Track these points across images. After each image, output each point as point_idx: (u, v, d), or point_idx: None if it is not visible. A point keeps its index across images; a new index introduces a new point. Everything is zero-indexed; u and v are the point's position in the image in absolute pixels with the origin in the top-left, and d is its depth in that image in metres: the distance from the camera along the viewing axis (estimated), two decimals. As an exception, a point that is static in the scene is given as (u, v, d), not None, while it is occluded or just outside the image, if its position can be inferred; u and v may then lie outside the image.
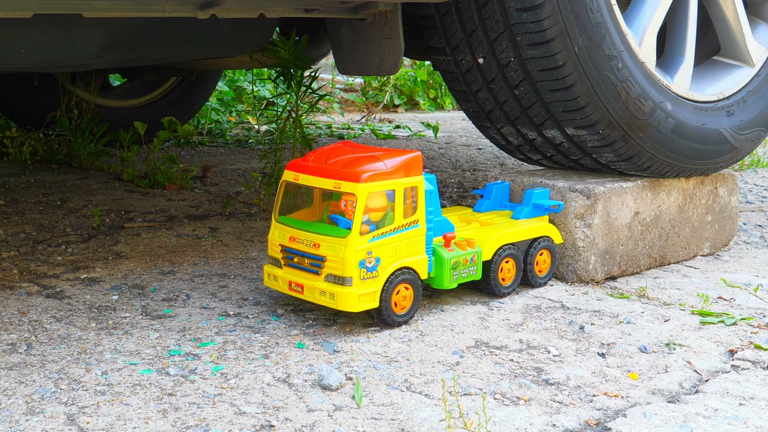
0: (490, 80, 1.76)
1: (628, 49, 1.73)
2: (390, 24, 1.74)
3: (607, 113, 1.71)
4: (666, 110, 1.78)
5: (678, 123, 1.80)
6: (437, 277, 1.51)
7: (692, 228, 1.93)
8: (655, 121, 1.76)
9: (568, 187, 1.73)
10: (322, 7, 1.64)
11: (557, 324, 1.52)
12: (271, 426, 1.12)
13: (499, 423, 1.14)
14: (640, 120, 1.74)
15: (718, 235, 2.00)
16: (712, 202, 1.96)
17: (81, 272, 1.73)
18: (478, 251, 1.56)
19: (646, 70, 1.77)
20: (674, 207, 1.87)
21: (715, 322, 1.55)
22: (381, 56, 1.79)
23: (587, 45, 1.65)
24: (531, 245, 1.67)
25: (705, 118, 1.86)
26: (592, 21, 1.65)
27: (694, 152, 1.84)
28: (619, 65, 1.70)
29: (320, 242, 1.42)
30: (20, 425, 1.10)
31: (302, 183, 1.47)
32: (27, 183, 2.57)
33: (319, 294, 1.42)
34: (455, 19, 1.74)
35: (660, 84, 1.80)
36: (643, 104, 1.74)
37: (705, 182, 1.93)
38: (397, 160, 1.43)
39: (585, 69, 1.67)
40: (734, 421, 1.17)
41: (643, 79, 1.75)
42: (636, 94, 1.73)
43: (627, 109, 1.72)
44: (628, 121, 1.73)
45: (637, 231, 1.80)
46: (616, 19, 1.71)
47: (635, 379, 1.30)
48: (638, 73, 1.74)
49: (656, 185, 1.83)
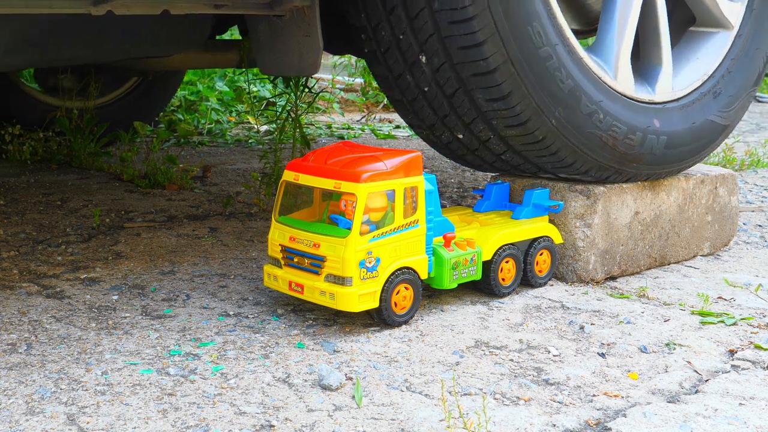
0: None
1: (606, 93, 1.68)
2: (308, 21, 1.67)
3: (596, 161, 1.69)
4: (655, 130, 1.75)
5: (670, 136, 1.78)
6: (437, 277, 1.51)
7: (692, 228, 1.92)
8: (647, 148, 1.74)
9: (568, 186, 1.73)
10: (230, 3, 1.58)
11: (557, 324, 1.52)
12: (271, 426, 1.12)
13: (499, 423, 1.14)
14: (632, 154, 1.72)
15: (718, 235, 2.00)
16: (712, 202, 1.96)
17: (81, 272, 1.73)
18: (478, 251, 1.56)
19: (627, 99, 1.72)
20: (674, 207, 1.87)
21: (715, 322, 1.55)
22: (300, 54, 1.73)
23: (564, 115, 1.62)
24: (531, 245, 1.67)
25: (693, 115, 1.83)
26: (564, 89, 1.61)
27: (689, 152, 1.84)
28: (600, 117, 1.66)
29: (320, 242, 1.42)
30: (20, 425, 1.10)
31: (302, 183, 1.46)
32: (27, 183, 2.57)
33: (319, 294, 1.42)
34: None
35: (643, 106, 1.75)
36: (632, 139, 1.71)
37: (705, 182, 1.93)
38: (397, 160, 1.43)
39: (567, 135, 1.63)
40: (734, 421, 1.17)
41: (626, 113, 1.71)
42: (623, 134, 1.70)
43: (617, 151, 1.70)
44: (619, 160, 1.71)
45: (637, 231, 1.80)
46: (588, 71, 1.66)
47: (635, 379, 1.30)
48: (620, 110, 1.70)
49: (656, 185, 1.83)
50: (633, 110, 1.73)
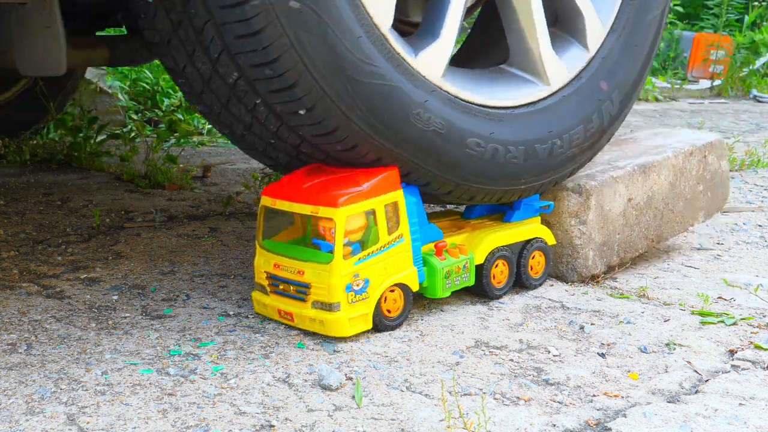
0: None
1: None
2: (48, 7, 1.47)
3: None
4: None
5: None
6: (430, 286, 1.50)
7: (685, 201, 1.92)
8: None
9: (560, 186, 1.73)
10: None
11: (557, 324, 1.52)
12: (271, 426, 1.12)
13: (499, 423, 1.14)
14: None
15: (712, 202, 2.00)
16: (703, 171, 1.95)
17: (81, 272, 1.73)
18: (470, 257, 1.55)
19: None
20: (666, 185, 1.86)
21: (715, 322, 1.55)
22: (43, 49, 1.55)
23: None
24: (524, 247, 1.66)
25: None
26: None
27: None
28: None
29: (304, 269, 1.40)
30: (20, 425, 1.10)
31: (280, 208, 1.44)
32: (27, 183, 2.57)
33: (309, 321, 1.40)
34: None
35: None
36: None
37: (693, 153, 1.93)
38: (373, 180, 1.40)
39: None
40: (734, 421, 1.17)
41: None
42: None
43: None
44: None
45: (632, 217, 1.80)
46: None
47: (635, 379, 1.30)
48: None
49: (647, 168, 1.82)
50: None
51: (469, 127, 1.52)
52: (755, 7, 6.81)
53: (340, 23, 1.32)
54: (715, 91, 6.21)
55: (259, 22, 1.27)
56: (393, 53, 1.41)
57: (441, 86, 1.49)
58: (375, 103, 1.38)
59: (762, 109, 5.35)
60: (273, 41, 1.28)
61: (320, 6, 1.30)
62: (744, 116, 4.96)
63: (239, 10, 1.26)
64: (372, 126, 1.39)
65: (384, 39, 1.39)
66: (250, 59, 1.31)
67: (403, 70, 1.42)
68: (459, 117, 1.50)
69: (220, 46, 1.33)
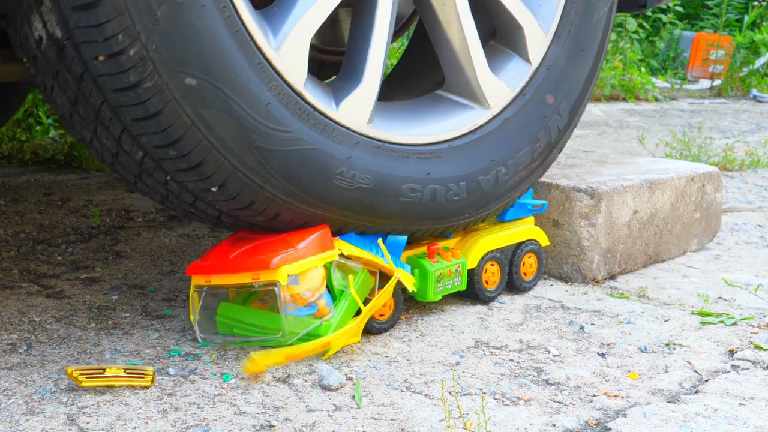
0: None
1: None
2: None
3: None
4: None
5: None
6: (421, 289, 1.48)
7: (683, 225, 1.94)
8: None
9: (573, 186, 1.73)
10: None
11: (557, 324, 1.52)
12: (271, 426, 1.12)
13: (499, 423, 1.14)
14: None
15: (705, 232, 2.02)
16: (700, 199, 1.97)
17: (81, 272, 1.73)
18: (463, 262, 1.52)
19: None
20: (668, 205, 1.88)
21: (715, 322, 1.55)
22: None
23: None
24: (516, 250, 1.65)
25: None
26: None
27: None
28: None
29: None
30: (20, 425, 1.10)
31: (216, 284, 1.33)
32: (27, 183, 2.57)
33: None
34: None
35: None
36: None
37: (694, 180, 1.95)
38: (308, 239, 1.33)
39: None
40: (734, 421, 1.17)
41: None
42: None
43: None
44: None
45: (635, 229, 1.81)
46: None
47: (635, 379, 1.30)
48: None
49: (653, 184, 1.84)
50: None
51: (401, 173, 1.41)
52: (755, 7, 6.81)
53: (243, 92, 1.22)
54: (715, 91, 6.21)
55: (154, 104, 1.17)
56: (309, 111, 1.30)
57: (368, 134, 1.38)
58: (292, 171, 1.29)
59: (762, 109, 5.35)
60: (172, 122, 1.19)
61: (219, 78, 1.20)
62: (744, 116, 4.96)
63: (132, 93, 1.16)
64: (291, 194, 1.30)
65: (298, 97, 1.29)
66: (151, 141, 1.22)
67: (322, 127, 1.32)
68: (389, 165, 1.40)
69: (119, 127, 1.22)
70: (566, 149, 3.49)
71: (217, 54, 1.19)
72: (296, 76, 1.29)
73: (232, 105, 1.21)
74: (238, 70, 1.21)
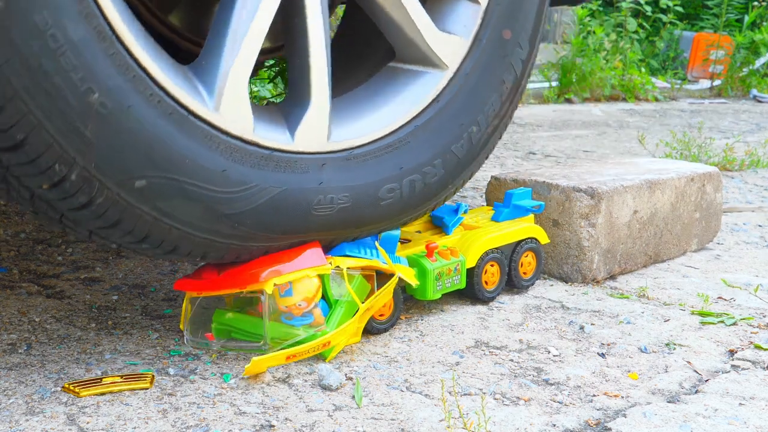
0: None
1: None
2: None
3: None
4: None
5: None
6: (420, 288, 1.47)
7: (683, 225, 1.94)
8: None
9: (573, 186, 1.73)
10: None
11: (557, 324, 1.52)
12: (271, 426, 1.12)
13: (499, 423, 1.14)
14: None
15: (705, 232, 2.02)
16: (700, 199, 1.97)
17: (81, 272, 1.73)
18: (462, 260, 1.52)
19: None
20: (668, 205, 1.88)
21: (715, 322, 1.55)
22: None
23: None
24: (516, 248, 1.64)
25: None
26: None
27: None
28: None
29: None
30: (20, 425, 1.10)
31: (207, 295, 1.33)
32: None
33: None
34: None
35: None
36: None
37: (694, 180, 1.95)
38: (299, 257, 1.31)
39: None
40: (734, 421, 1.17)
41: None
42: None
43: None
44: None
45: (635, 229, 1.81)
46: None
47: (635, 379, 1.30)
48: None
49: (653, 184, 1.84)
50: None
51: (376, 177, 1.35)
52: (755, 7, 6.81)
53: (195, 171, 1.16)
54: (715, 91, 6.21)
55: (112, 214, 1.13)
56: (268, 155, 1.24)
57: (331, 150, 1.31)
58: (268, 221, 1.25)
59: (762, 109, 5.35)
60: (135, 223, 1.15)
61: (167, 168, 1.14)
62: (744, 116, 4.96)
63: (87, 210, 1.12)
64: (275, 239, 1.27)
65: (253, 146, 1.22)
66: (121, 241, 1.19)
67: (284, 165, 1.25)
68: (362, 174, 1.33)
69: (86, 232, 1.18)
70: (566, 149, 3.49)
71: (158, 146, 1.12)
72: (244, 126, 1.21)
73: (188, 188, 1.16)
74: (184, 152, 1.14)
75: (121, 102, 1.08)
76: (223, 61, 1.19)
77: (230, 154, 1.19)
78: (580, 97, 5.39)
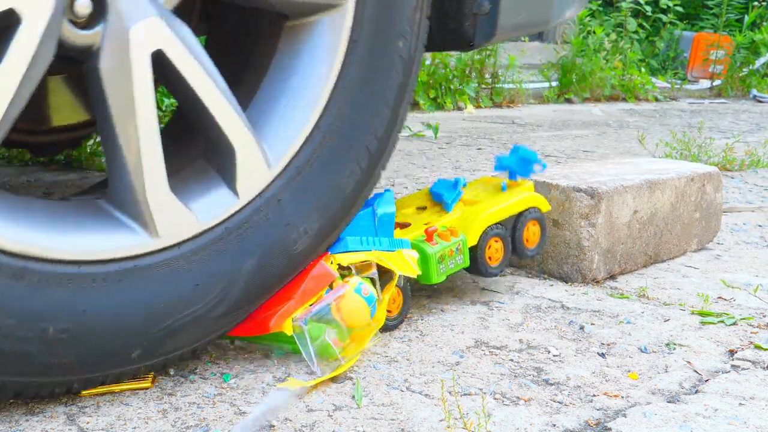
0: None
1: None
2: None
3: None
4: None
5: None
6: (424, 273, 1.47)
7: (683, 225, 1.94)
8: None
9: (573, 186, 1.73)
10: None
11: (557, 324, 1.52)
12: (271, 426, 1.12)
13: (499, 423, 1.14)
14: None
15: (705, 232, 2.02)
16: (700, 199, 1.98)
17: (81, 272, 1.73)
18: (463, 239, 1.51)
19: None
20: (668, 205, 1.88)
21: (715, 322, 1.55)
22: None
23: None
24: (518, 218, 1.62)
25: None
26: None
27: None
28: None
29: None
30: (20, 425, 1.10)
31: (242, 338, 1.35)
32: (27, 183, 2.57)
33: None
34: None
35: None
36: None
37: (694, 180, 1.95)
38: (302, 287, 1.31)
39: None
40: (734, 421, 1.17)
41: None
42: None
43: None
44: None
45: (635, 229, 1.81)
46: None
47: (635, 379, 1.30)
48: None
49: (653, 184, 1.84)
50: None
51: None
52: (755, 7, 6.81)
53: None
54: (715, 91, 6.21)
55: None
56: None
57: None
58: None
59: (762, 109, 5.36)
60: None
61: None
62: (744, 116, 4.96)
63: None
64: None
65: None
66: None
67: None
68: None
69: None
70: (566, 149, 3.49)
71: None
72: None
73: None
74: None
75: None
76: None
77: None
78: (580, 97, 5.39)
